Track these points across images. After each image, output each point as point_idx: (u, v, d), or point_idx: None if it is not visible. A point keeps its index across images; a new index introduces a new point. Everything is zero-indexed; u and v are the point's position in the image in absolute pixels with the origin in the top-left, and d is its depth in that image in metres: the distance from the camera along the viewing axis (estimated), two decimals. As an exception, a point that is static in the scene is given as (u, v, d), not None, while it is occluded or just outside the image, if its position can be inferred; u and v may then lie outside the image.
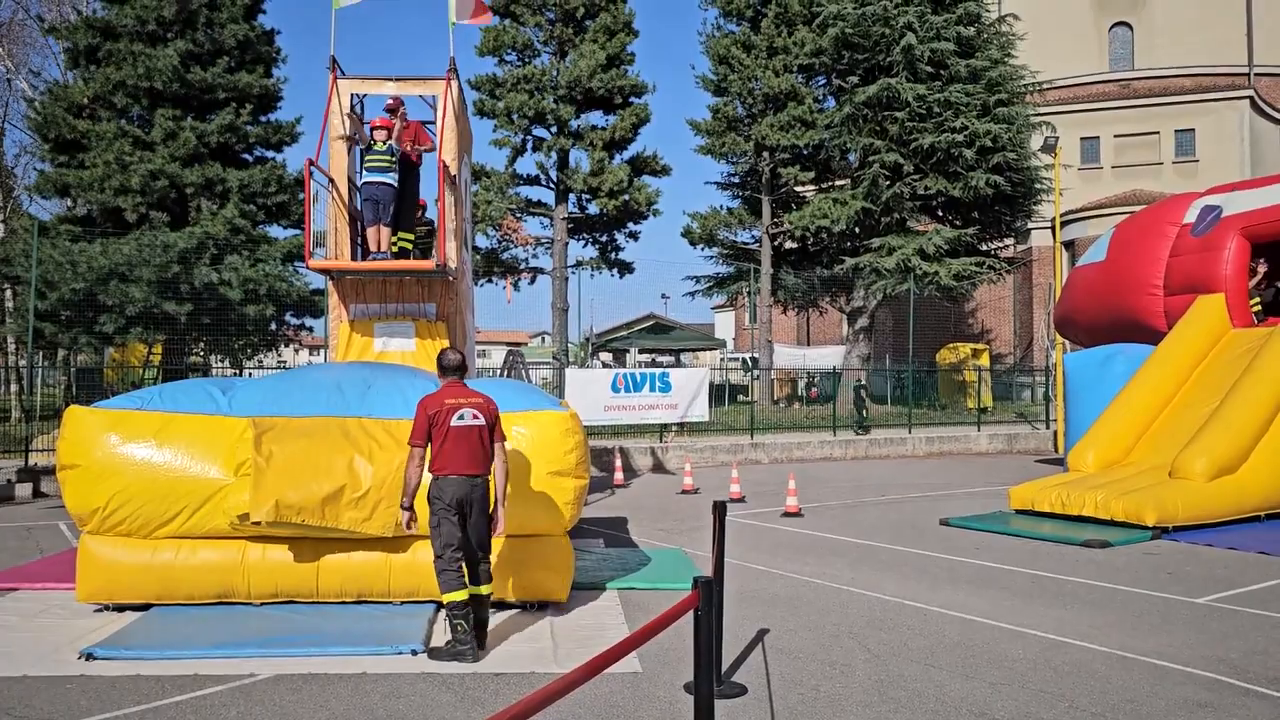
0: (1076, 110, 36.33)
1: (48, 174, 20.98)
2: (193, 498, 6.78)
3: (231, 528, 6.70)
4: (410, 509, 6.09)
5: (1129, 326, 15.20)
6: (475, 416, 6.14)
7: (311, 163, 10.22)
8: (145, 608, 7.00)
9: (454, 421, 6.07)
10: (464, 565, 6.14)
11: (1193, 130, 35.55)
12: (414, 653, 6.01)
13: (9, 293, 25.04)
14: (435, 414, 6.07)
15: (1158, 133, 35.82)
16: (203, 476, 6.80)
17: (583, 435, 7.38)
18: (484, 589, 6.24)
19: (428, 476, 6.23)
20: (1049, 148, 21.12)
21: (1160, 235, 15.17)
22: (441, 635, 6.36)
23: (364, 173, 10.67)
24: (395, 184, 10.64)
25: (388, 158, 10.57)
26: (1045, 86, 30.24)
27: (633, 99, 27.29)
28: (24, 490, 14.22)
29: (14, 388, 24.01)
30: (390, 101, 10.94)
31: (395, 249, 10.75)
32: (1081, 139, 36.21)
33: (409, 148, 10.87)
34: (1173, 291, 14.65)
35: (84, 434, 6.86)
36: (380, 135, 10.59)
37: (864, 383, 23.78)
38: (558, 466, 7.04)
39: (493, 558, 6.54)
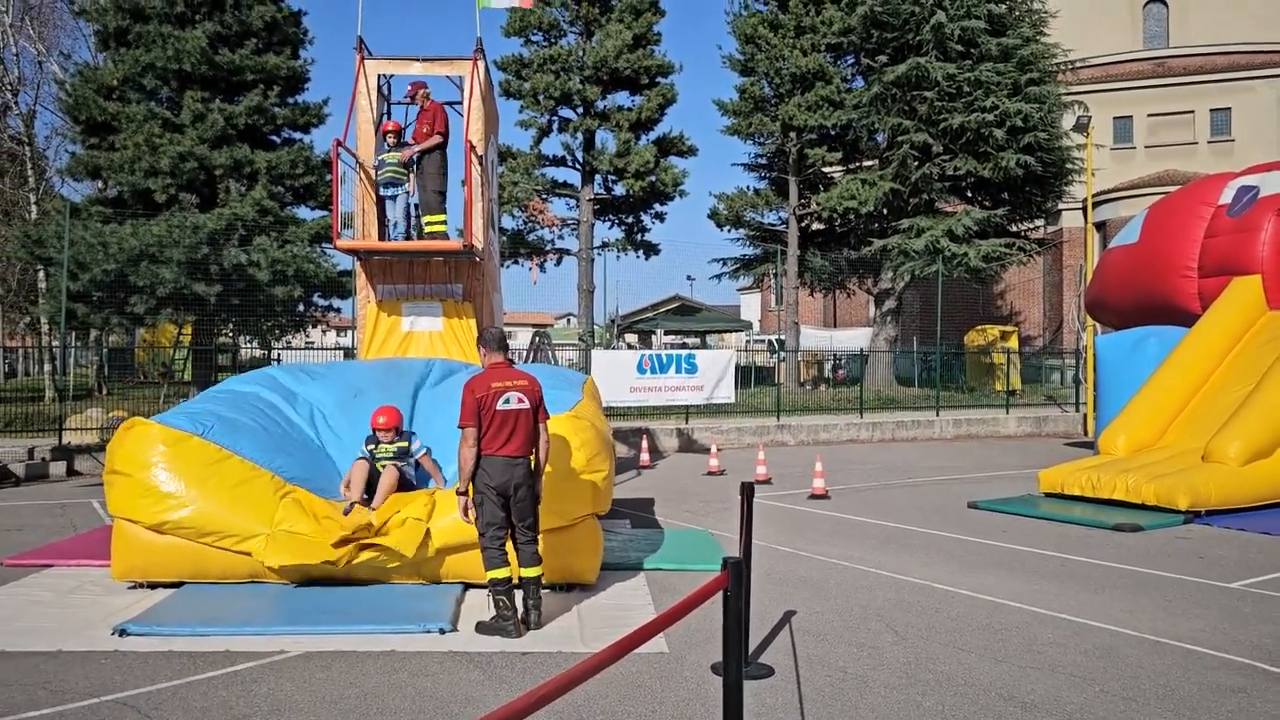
0: (1109, 89, 35.78)
1: (79, 156, 21.17)
2: (226, 531, 6.91)
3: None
4: (466, 493, 6.13)
5: (1162, 309, 14.99)
6: (520, 400, 6.20)
7: (339, 144, 10.26)
8: (178, 585, 7.08)
9: (499, 405, 6.13)
10: (508, 544, 6.24)
11: (1228, 109, 34.94)
12: (441, 631, 6.04)
13: (42, 274, 25.32)
14: (482, 397, 6.11)
15: (1192, 112, 35.23)
16: (239, 527, 6.91)
17: (590, 433, 7.36)
18: (531, 571, 6.28)
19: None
20: (1081, 127, 20.83)
21: (1195, 216, 14.94)
22: (472, 615, 6.41)
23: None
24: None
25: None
26: (1077, 65, 29.78)
27: (659, 79, 27.13)
28: (58, 469, 14.42)
29: (48, 368, 24.32)
30: (410, 88, 10.91)
31: (429, 232, 10.75)
32: (1114, 118, 35.68)
33: (424, 130, 10.78)
34: (1207, 273, 14.44)
35: (140, 447, 7.03)
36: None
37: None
38: (569, 467, 7.07)
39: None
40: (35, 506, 11.51)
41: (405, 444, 7.94)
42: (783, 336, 29.16)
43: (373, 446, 7.92)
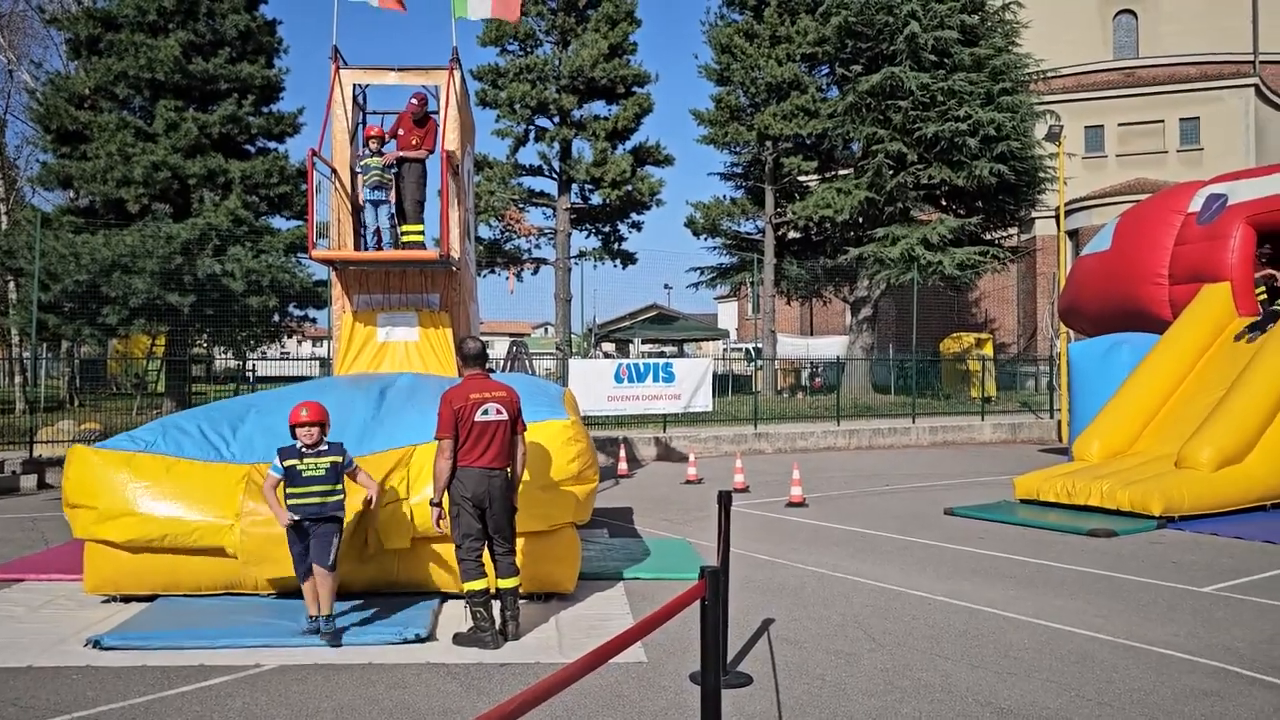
0: (1080, 99, 36.19)
1: (50, 165, 20.95)
2: (196, 530, 6.83)
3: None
4: (440, 504, 6.13)
5: (1134, 315, 15.15)
6: (499, 411, 6.19)
7: (314, 153, 10.19)
8: (152, 598, 7.01)
9: (478, 416, 6.11)
10: (485, 556, 6.22)
11: (1197, 118, 35.39)
12: (418, 637, 6.02)
13: (12, 285, 25.03)
14: (460, 408, 6.09)
15: (1162, 121, 35.66)
16: (204, 521, 6.82)
17: (585, 444, 7.37)
18: (508, 582, 6.26)
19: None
20: (1053, 136, 21.05)
21: (1165, 224, 15.12)
22: (450, 627, 6.39)
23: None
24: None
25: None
26: (1049, 75, 30.11)
27: (635, 89, 27.21)
28: (29, 482, 14.23)
29: (18, 379, 24.04)
30: (414, 103, 10.82)
31: (405, 241, 10.70)
32: (1085, 128, 36.06)
33: (414, 142, 10.76)
34: (1178, 280, 14.61)
35: (86, 476, 6.97)
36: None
37: None
38: (561, 475, 7.08)
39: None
40: (5, 520, 11.35)
41: (338, 458, 6.09)
42: (760, 345, 29.25)
43: (293, 463, 5.98)
